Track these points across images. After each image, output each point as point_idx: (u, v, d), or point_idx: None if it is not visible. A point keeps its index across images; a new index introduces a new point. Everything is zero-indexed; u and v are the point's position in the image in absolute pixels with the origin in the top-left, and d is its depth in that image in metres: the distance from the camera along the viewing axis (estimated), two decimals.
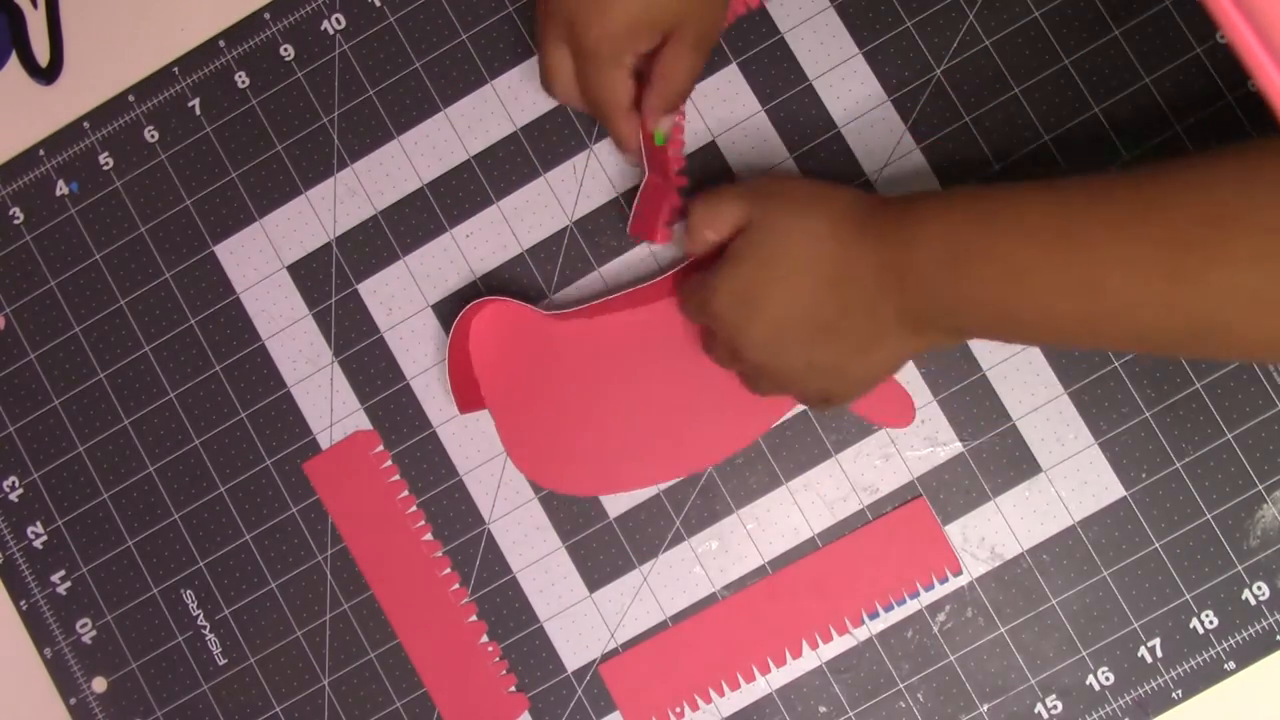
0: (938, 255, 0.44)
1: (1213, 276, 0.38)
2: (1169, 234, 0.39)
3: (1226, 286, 0.38)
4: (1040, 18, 0.56)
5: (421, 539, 0.58)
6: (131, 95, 0.60)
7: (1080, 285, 0.41)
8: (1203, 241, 0.38)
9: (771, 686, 0.56)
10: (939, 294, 0.45)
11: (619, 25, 0.48)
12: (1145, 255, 0.39)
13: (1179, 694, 0.54)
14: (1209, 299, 0.38)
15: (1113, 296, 0.40)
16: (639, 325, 0.57)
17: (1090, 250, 0.41)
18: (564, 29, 0.49)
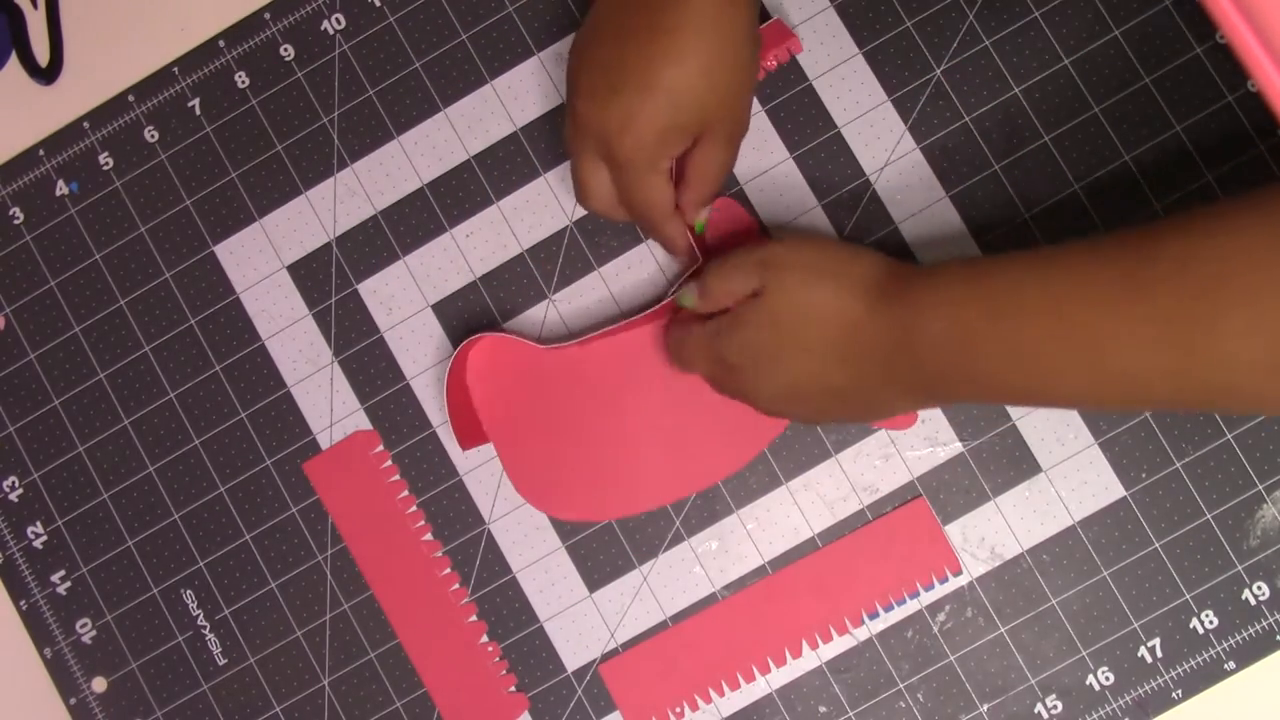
0: (945, 337, 0.45)
1: (1212, 349, 0.39)
2: (1165, 311, 0.39)
3: (1229, 356, 0.38)
4: (1040, 18, 0.56)
5: (421, 539, 0.58)
6: (131, 95, 0.60)
7: (1083, 361, 0.42)
8: (1195, 316, 0.39)
9: (771, 686, 0.56)
10: (948, 372, 0.46)
11: (650, 135, 0.48)
12: (1141, 332, 0.40)
13: (1179, 694, 0.54)
14: (1213, 368, 0.39)
15: (1116, 369, 0.41)
16: (633, 350, 0.57)
17: (1088, 328, 0.41)
18: (597, 144, 0.50)
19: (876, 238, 0.56)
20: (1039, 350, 0.43)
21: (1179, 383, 0.40)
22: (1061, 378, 0.43)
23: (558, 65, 0.58)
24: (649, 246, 0.57)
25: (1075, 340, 0.42)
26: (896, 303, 0.47)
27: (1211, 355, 0.39)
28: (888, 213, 0.56)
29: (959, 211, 0.56)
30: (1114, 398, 0.43)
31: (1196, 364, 0.39)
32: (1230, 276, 0.38)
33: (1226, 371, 0.39)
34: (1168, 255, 0.40)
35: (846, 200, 0.56)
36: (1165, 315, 0.39)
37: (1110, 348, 0.41)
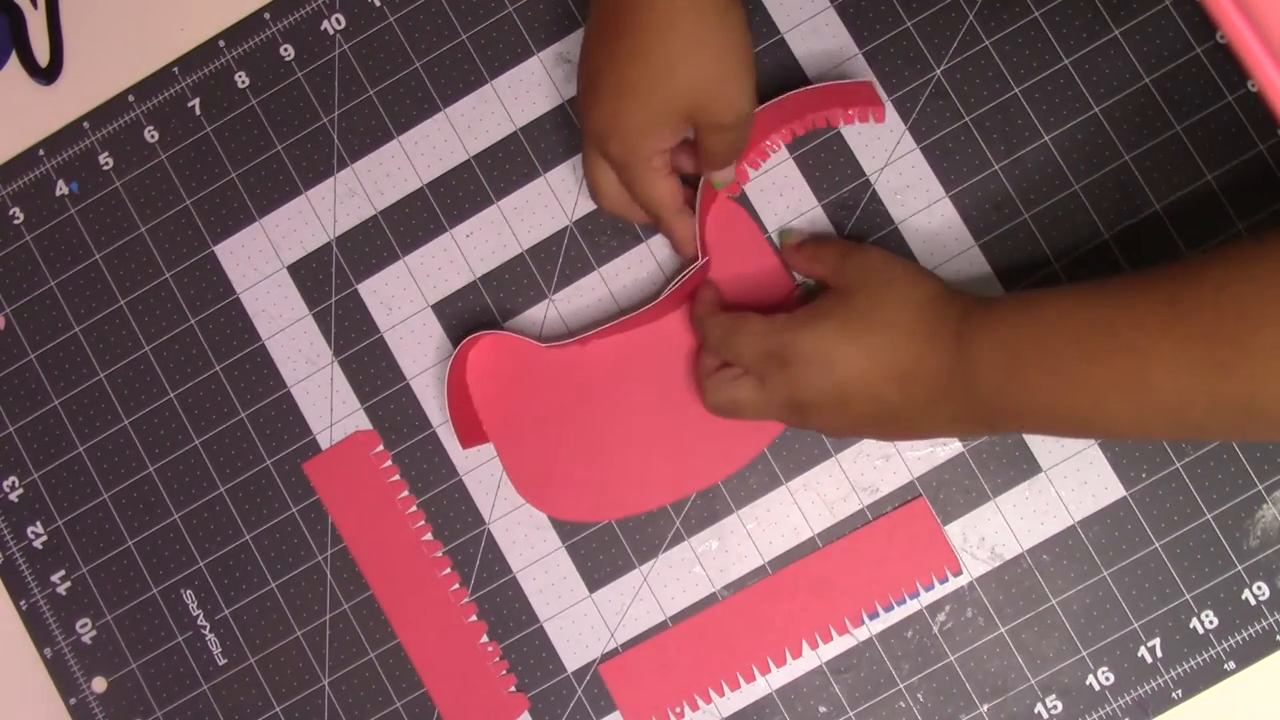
0: (997, 365, 0.46)
1: (1247, 366, 0.40)
2: (1203, 329, 0.41)
3: (1260, 374, 0.40)
4: (1040, 18, 0.56)
5: (421, 539, 0.58)
6: (131, 95, 0.60)
7: (1130, 386, 0.43)
8: (1233, 334, 0.40)
9: (771, 686, 0.56)
10: (999, 400, 0.47)
11: (632, 135, 0.49)
12: (1183, 352, 0.42)
13: (1179, 694, 0.54)
14: (1248, 386, 0.40)
15: (1161, 393, 0.42)
16: (633, 349, 0.57)
17: (1134, 353, 0.43)
18: (600, 144, 0.51)
19: (876, 238, 0.56)
20: (1086, 375, 0.44)
21: (1215, 403, 0.41)
22: (1108, 404, 0.44)
23: (557, 65, 0.58)
24: (649, 246, 0.57)
25: (1120, 365, 0.43)
26: (954, 329, 0.48)
27: (1243, 373, 0.40)
28: (888, 213, 0.56)
29: (959, 212, 0.56)
30: (1158, 423, 0.44)
31: (1230, 383, 0.41)
32: (1263, 297, 0.40)
33: (1257, 390, 0.40)
34: (1209, 281, 0.42)
35: (846, 200, 0.56)
36: (1204, 335, 0.41)
37: (1154, 370, 0.42)
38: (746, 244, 0.57)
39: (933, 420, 0.49)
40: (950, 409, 0.48)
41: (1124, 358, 0.43)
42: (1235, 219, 0.55)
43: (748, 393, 0.51)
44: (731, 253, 0.56)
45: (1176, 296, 0.42)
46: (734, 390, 0.52)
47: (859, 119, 0.56)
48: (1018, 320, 0.47)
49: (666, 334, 0.57)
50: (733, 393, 0.52)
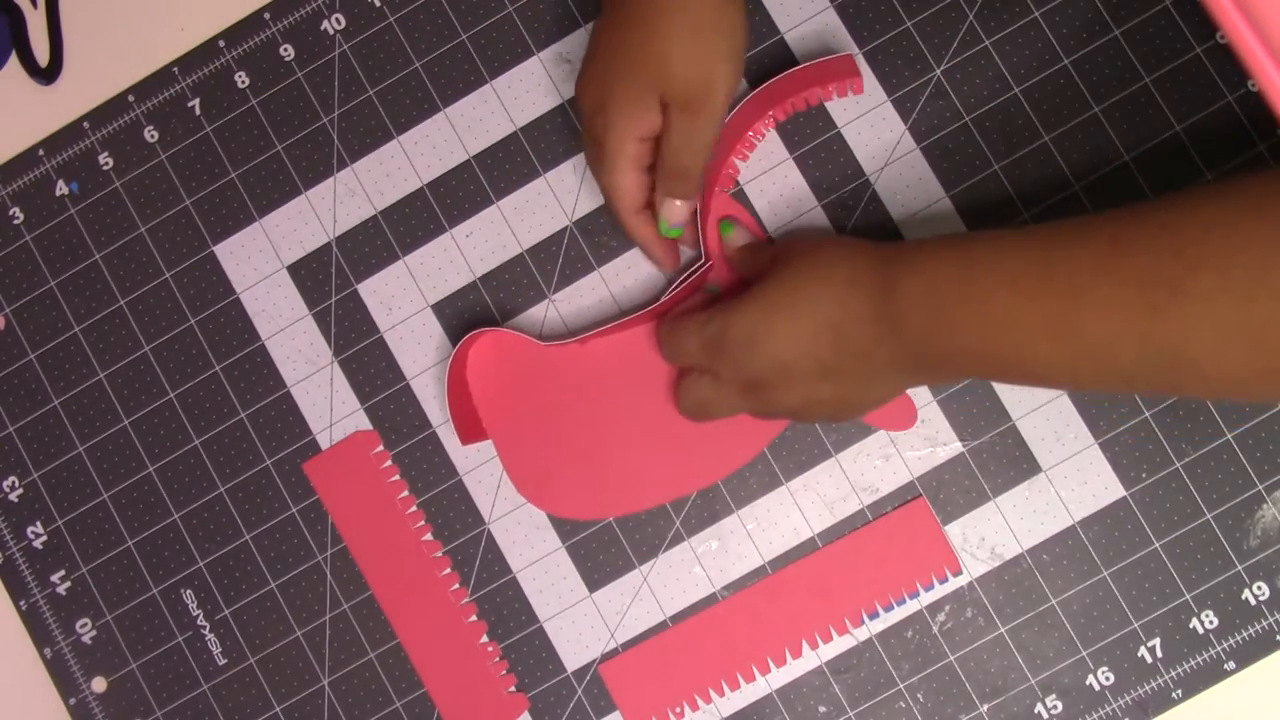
0: (923, 305, 0.45)
1: (1180, 309, 0.39)
2: (1139, 272, 0.40)
3: (1194, 318, 0.39)
4: (1040, 18, 0.56)
5: (421, 539, 0.58)
6: (131, 95, 0.60)
7: (1059, 327, 0.42)
8: (1170, 277, 0.39)
9: (771, 686, 0.56)
10: (927, 341, 0.46)
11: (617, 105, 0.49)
12: (1118, 294, 0.40)
13: (1179, 694, 0.54)
14: (1179, 332, 0.39)
15: (1091, 335, 0.41)
16: (634, 348, 0.57)
17: (1067, 292, 0.42)
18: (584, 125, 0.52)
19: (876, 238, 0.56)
20: (1016, 317, 0.43)
21: (1144, 350, 0.40)
22: (1037, 347, 0.43)
23: (557, 65, 0.58)
24: None
25: (1052, 306, 0.42)
26: (877, 278, 0.47)
27: (1176, 318, 0.39)
28: (888, 213, 0.56)
29: (959, 211, 0.56)
30: (1086, 369, 0.42)
31: (1162, 328, 0.39)
32: (1205, 239, 0.39)
33: (1188, 337, 0.39)
34: (1152, 222, 0.41)
35: (847, 200, 0.56)
36: (1140, 277, 0.40)
37: (1086, 313, 0.41)
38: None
39: (870, 370, 0.48)
40: (885, 354, 0.47)
41: (1056, 299, 0.42)
42: None
43: (707, 389, 0.52)
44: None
45: (1117, 237, 0.41)
46: (696, 391, 0.52)
47: (838, 94, 0.55)
48: (947, 258, 0.45)
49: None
50: (695, 393, 0.52)
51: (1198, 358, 0.39)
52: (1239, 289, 0.38)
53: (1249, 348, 0.38)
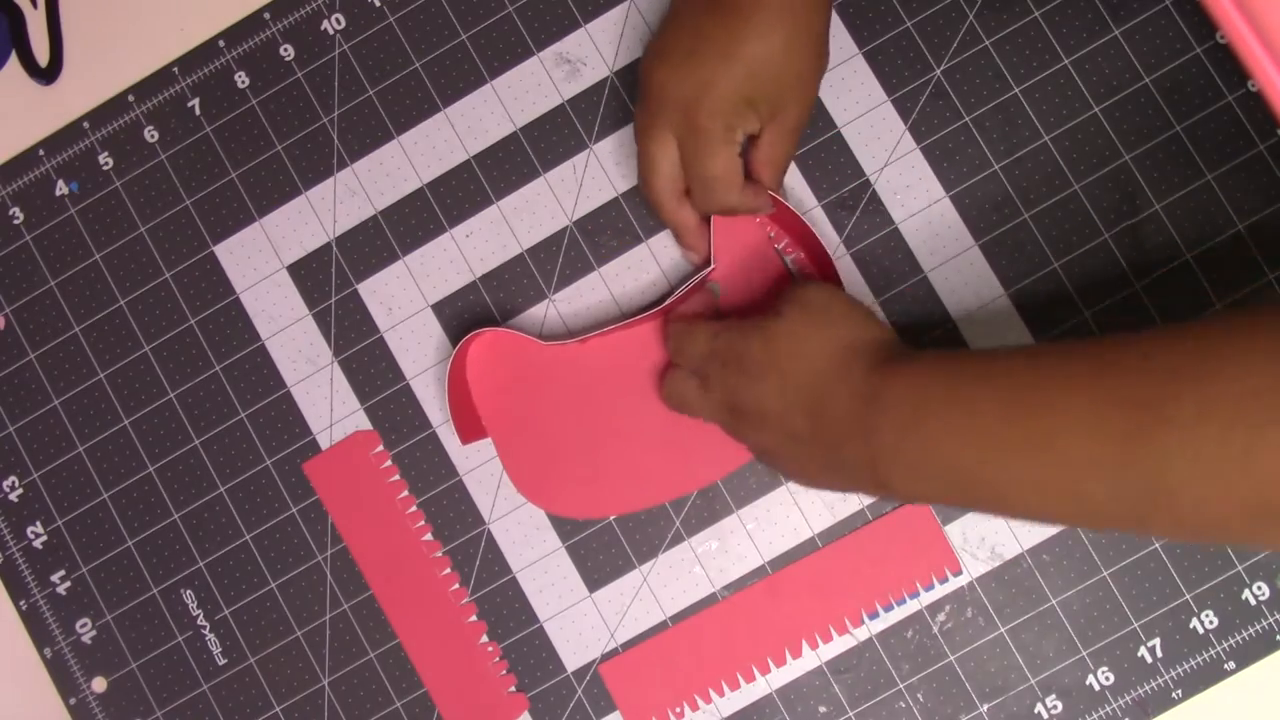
0: (903, 408, 0.45)
1: (1160, 435, 0.38)
2: (1121, 395, 0.39)
3: (1172, 445, 0.37)
4: (1040, 18, 0.56)
5: (421, 539, 0.58)
6: (131, 95, 0.60)
7: (1036, 444, 0.41)
8: (1152, 402, 0.38)
9: (771, 686, 0.56)
10: (899, 450, 0.45)
11: (727, 102, 0.50)
12: (1099, 415, 0.39)
13: (1179, 694, 0.54)
14: (1156, 459, 0.38)
15: (1067, 456, 0.40)
16: (634, 347, 0.57)
17: (1048, 411, 0.41)
18: (673, 112, 0.51)
19: (876, 238, 0.56)
20: (994, 435, 0.42)
21: (1120, 480, 0.39)
22: (1010, 468, 0.42)
23: (557, 65, 0.58)
24: (649, 247, 0.57)
25: (1032, 426, 0.41)
26: (868, 371, 0.47)
27: (1156, 444, 0.38)
28: (888, 213, 0.56)
29: (959, 212, 0.56)
30: (1055, 497, 0.41)
31: (1141, 455, 0.38)
32: (1189, 369, 0.38)
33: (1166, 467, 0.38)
34: (1140, 348, 0.40)
35: (847, 200, 0.56)
36: (1123, 399, 0.39)
37: (1065, 433, 0.40)
38: (753, 250, 0.56)
39: (831, 464, 0.48)
40: (851, 455, 0.46)
41: (1036, 417, 0.41)
42: (1235, 219, 0.55)
43: (694, 391, 0.53)
44: (738, 258, 0.56)
45: (1102, 359, 0.41)
46: (683, 386, 0.53)
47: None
48: (936, 366, 0.45)
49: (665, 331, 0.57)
50: (681, 388, 0.53)
51: (1173, 488, 0.38)
52: (1220, 419, 0.37)
53: (1226, 481, 0.37)
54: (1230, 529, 0.38)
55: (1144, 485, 0.38)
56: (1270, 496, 0.36)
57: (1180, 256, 0.55)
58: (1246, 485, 0.36)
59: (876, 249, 0.56)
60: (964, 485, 0.44)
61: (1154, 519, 0.39)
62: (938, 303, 0.56)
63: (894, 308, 0.56)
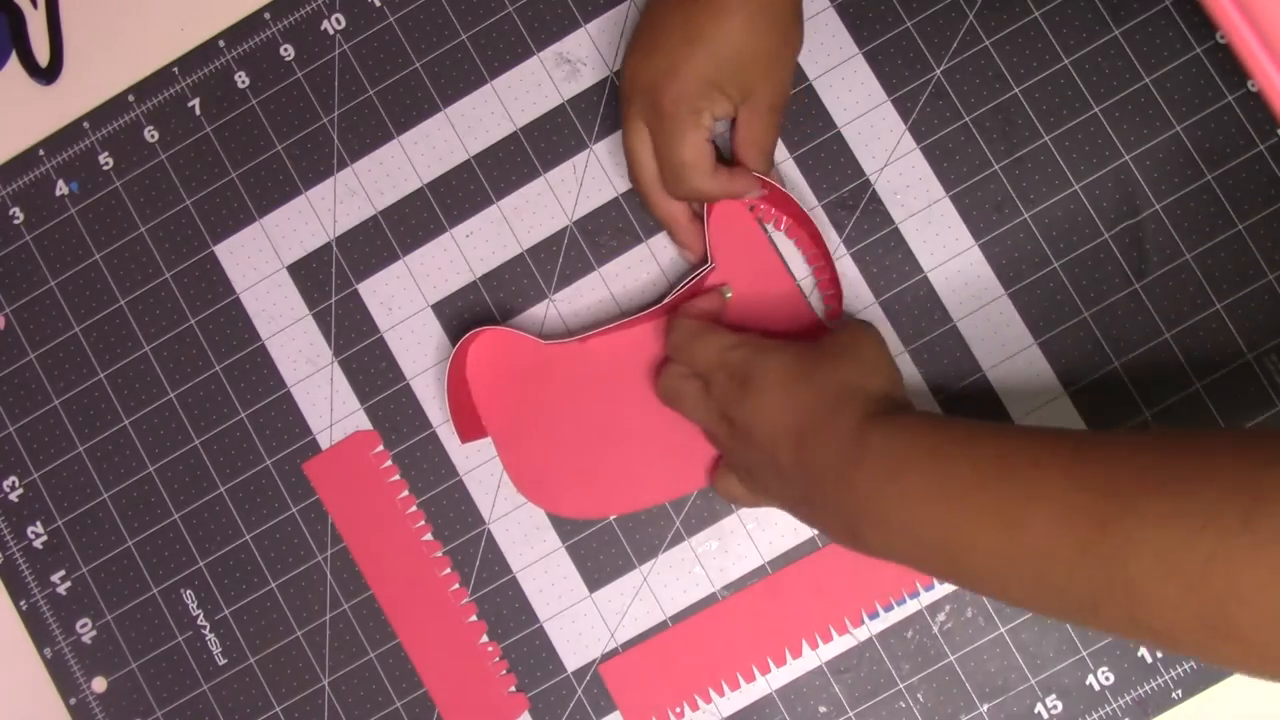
0: (883, 465, 0.45)
1: (1127, 526, 0.38)
2: (1096, 483, 0.39)
3: (1138, 538, 0.37)
4: (1040, 18, 0.56)
5: (421, 539, 0.58)
6: (131, 95, 0.60)
7: (1005, 516, 0.41)
8: (1124, 493, 0.38)
9: (771, 686, 0.56)
10: (870, 502, 0.45)
11: (692, 84, 0.50)
12: (1071, 498, 0.39)
13: (1179, 694, 0.54)
14: (1121, 548, 0.38)
15: (1034, 532, 0.40)
16: (635, 347, 0.57)
17: (1021, 485, 0.41)
18: (642, 99, 0.51)
19: (876, 238, 0.56)
20: (967, 498, 0.42)
21: (1082, 560, 0.39)
22: (976, 532, 0.42)
23: (557, 65, 0.58)
24: (649, 246, 0.57)
25: (1004, 493, 0.41)
26: (859, 420, 0.46)
27: (1121, 533, 0.38)
28: (888, 213, 0.56)
29: (959, 212, 0.56)
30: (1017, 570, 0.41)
31: (1105, 541, 0.38)
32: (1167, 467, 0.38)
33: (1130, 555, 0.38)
34: (1122, 442, 0.40)
35: (847, 200, 0.56)
36: (1096, 486, 0.39)
37: (1035, 507, 0.40)
38: (750, 247, 0.57)
39: (808, 499, 0.48)
40: (827, 497, 0.47)
41: (1009, 489, 0.41)
42: (1235, 219, 0.55)
43: (693, 394, 0.52)
44: (736, 257, 0.56)
45: (1083, 448, 0.41)
46: (683, 384, 0.53)
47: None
48: (919, 428, 0.45)
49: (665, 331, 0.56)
50: (679, 388, 0.53)
51: (1134, 579, 0.37)
52: (1190, 521, 0.36)
53: (1186, 583, 0.36)
54: (1178, 636, 0.38)
55: (1104, 572, 0.38)
56: (1228, 608, 0.36)
57: (1180, 256, 0.55)
58: (1206, 591, 0.36)
59: (876, 249, 0.56)
60: (930, 546, 0.44)
61: (1108, 607, 0.39)
62: (937, 303, 0.56)
63: (894, 308, 0.56)
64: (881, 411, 0.47)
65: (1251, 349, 0.54)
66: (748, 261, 0.57)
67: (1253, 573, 0.35)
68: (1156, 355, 0.55)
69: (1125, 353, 0.55)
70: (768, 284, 0.57)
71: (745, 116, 0.52)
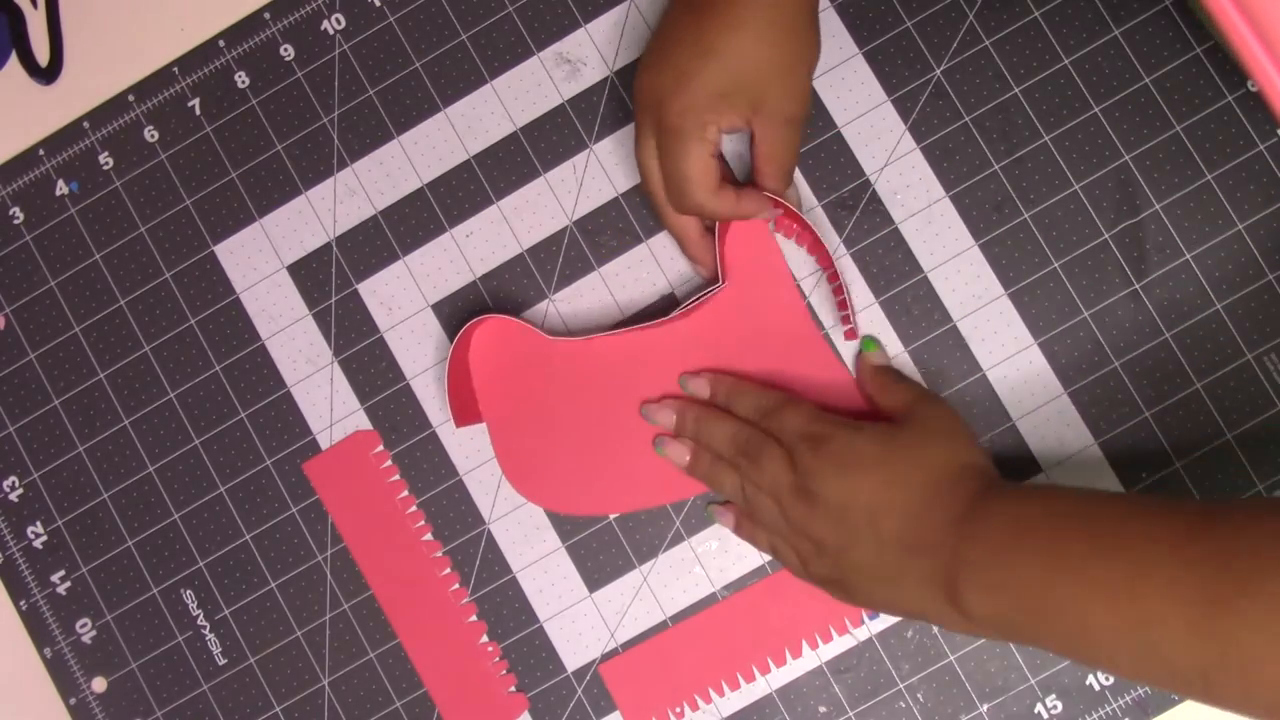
0: (998, 535, 0.46)
1: (1239, 607, 0.38)
2: (1209, 561, 0.40)
3: (1250, 620, 0.38)
4: (1040, 18, 0.56)
5: (421, 539, 0.58)
6: (131, 95, 0.60)
7: (1119, 592, 0.42)
8: (1237, 574, 0.39)
9: (771, 686, 0.56)
10: (979, 571, 0.45)
11: (701, 96, 0.49)
12: (1184, 576, 0.40)
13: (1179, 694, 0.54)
14: (1231, 629, 0.39)
15: (1146, 609, 0.41)
16: (638, 349, 0.57)
17: (1136, 561, 0.42)
18: (651, 113, 0.51)
19: (876, 238, 0.56)
20: (1082, 568, 0.43)
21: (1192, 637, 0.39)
22: (1089, 604, 0.42)
23: (557, 65, 0.58)
24: (649, 246, 0.57)
25: (1119, 566, 0.42)
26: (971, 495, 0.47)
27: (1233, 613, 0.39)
28: (888, 213, 0.56)
29: (959, 212, 0.56)
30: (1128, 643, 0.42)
31: (1218, 618, 0.39)
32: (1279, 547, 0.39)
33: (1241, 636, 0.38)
34: (1234, 520, 0.41)
35: (847, 200, 0.56)
36: (1211, 565, 0.40)
37: (1147, 584, 0.41)
38: (766, 268, 0.56)
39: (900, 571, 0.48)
40: (926, 564, 0.47)
41: (1124, 564, 0.42)
42: (1235, 219, 0.55)
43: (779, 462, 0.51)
44: (750, 275, 0.56)
45: (1197, 523, 0.41)
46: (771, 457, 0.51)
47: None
48: (1034, 499, 0.47)
49: (672, 338, 0.56)
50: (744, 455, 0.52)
51: (1247, 657, 0.38)
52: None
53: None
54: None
55: (1216, 651, 0.39)
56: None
57: (1180, 256, 0.55)
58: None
59: (876, 249, 0.56)
60: (1041, 612, 0.44)
61: (1221, 684, 0.39)
62: (937, 302, 0.56)
63: (894, 308, 0.56)
64: (990, 484, 0.48)
65: (1251, 349, 0.54)
66: (762, 282, 0.56)
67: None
68: (1156, 355, 0.55)
69: (1125, 353, 0.55)
70: (781, 309, 0.56)
71: (761, 131, 0.51)
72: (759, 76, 0.49)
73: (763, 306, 0.56)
